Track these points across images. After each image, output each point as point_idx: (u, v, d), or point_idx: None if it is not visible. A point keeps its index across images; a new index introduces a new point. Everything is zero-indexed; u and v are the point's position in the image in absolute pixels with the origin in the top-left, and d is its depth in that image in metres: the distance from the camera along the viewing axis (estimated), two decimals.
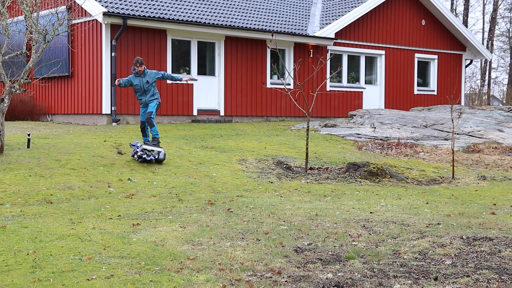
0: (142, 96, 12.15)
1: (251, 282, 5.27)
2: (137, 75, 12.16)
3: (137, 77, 12.16)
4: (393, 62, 24.82)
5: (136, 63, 12.06)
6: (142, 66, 12.05)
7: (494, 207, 9.20)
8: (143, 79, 12.11)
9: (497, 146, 16.22)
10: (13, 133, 14.50)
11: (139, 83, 12.13)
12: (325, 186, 11.04)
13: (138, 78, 12.15)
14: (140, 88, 12.13)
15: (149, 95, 12.12)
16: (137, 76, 12.16)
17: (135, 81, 12.14)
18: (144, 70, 12.12)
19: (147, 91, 12.12)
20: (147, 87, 12.11)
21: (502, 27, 51.98)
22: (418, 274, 5.61)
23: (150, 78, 12.14)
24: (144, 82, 12.08)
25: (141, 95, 12.15)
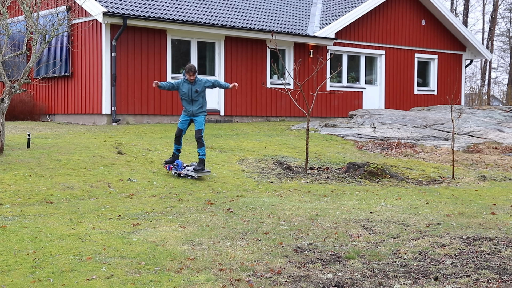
0: (188, 105, 11.13)
1: (251, 282, 5.27)
2: (187, 81, 11.10)
3: (186, 83, 11.08)
4: (393, 62, 24.82)
5: (189, 71, 10.94)
6: (195, 75, 10.99)
7: (494, 207, 9.20)
8: (193, 87, 11.05)
9: (497, 146, 16.22)
10: (13, 133, 14.50)
11: (187, 91, 11.05)
12: (325, 186, 11.04)
13: (187, 85, 11.07)
14: (188, 96, 11.08)
15: (197, 105, 11.13)
16: (186, 82, 11.08)
17: (183, 88, 11.05)
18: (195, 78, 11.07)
19: (195, 101, 11.12)
20: (195, 97, 11.09)
21: (502, 27, 51.99)
22: (418, 274, 5.61)
23: (199, 87, 11.06)
24: (193, 91, 11.03)
25: (188, 103, 11.13)
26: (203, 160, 10.93)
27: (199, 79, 11.15)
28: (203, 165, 10.93)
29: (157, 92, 18.88)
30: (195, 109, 11.14)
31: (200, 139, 10.98)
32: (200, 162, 10.93)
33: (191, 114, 11.16)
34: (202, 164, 10.93)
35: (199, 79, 11.13)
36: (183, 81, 11.12)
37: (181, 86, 11.11)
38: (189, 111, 11.15)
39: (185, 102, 11.16)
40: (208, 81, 11.23)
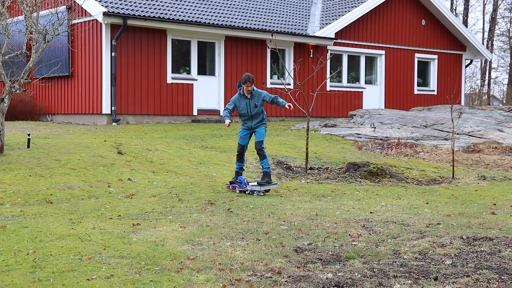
0: (248, 121, 10.27)
1: (251, 282, 5.26)
2: (244, 96, 10.17)
3: (243, 98, 10.19)
4: (393, 62, 24.82)
5: (247, 81, 10.06)
6: (252, 85, 10.12)
7: (494, 207, 9.20)
8: (251, 102, 10.16)
9: (497, 146, 16.22)
10: (13, 133, 14.50)
11: (245, 106, 10.17)
12: (325, 186, 11.04)
13: (244, 100, 10.17)
14: (247, 112, 10.19)
15: (257, 120, 10.26)
16: (243, 97, 10.19)
17: (241, 104, 10.18)
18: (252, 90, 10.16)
19: (255, 116, 10.24)
20: (255, 112, 10.21)
21: (502, 27, 52.00)
22: (418, 274, 5.61)
23: (258, 100, 10.19)
24: (252, 106, 10.16)
25: (247, 120, 10.26)
26: (267, 173, 10.18)
27: (257, 91, 10.25)
28: (268, 178, 10.18)
29: (157, 92, 18.89)
30: (254, 124, 10.30)
31: (261, 151, 10.19)
32: (264, 175, 10.20)
33: (250, 127, 10.37)
34: (266, 177, 10.17)
35: (257, 91, 10.24)
36: (239, 97, 10.20)
37: (238, 103, 10.21)
38: (248, 125, 10.35)
39: (244, 118, 10.31)
40: (267, 95, 10.32)
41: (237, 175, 10.35)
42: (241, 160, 10.36)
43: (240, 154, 10.36)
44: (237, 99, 10.21)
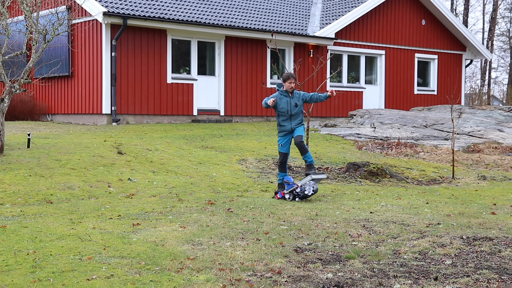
0: (286, 122, 9.71)
1: (251, 282, 5.26)
2: (284, 93, 9.71)
3: (284, 96, 9.70)
4: (393, 62, 24.83)
5: (290, 77, 9.62)
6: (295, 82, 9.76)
7: (494, 207, 9.19)
8: (292, 101, 9.69)
9: (497, 146, 16.22)
10: (13, 133, 14.50)
11: (286, 105, 9.66)
12: (325, 186, 11.03)
13: (285, 99, 9.68)
14: (287, 111, 9.67)
15: (296, 121, 9.75)
16: (283, 95, 9.71)
17: (281, 102, 9.67)
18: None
19: (295, 116, 9.74)
20: (295, 112, 9.74)
21: (502, 27, 52.02)
22: (418, 274, 5.61)
23: (298, 100, 9.74)
24: (293, 105, 9.67)
25: (286, 120, 9.70)
26: (312, 165, 9.71)
27: (295, 90, 9.81)
28: (314, 168, 9.76)
29: (157, 92, 18.89)
30: (293, 125, 9.74)
31: (301, 143, 9.60)
32: (309, 167, 9.70)
33: (290, 131, 9.76)
34: (312, 168, 9.69)
35: (296, 91, 9.80)
36: (280, 95, 9.70)
37: (279, 101, 9.68)
38: (287, 129, 9.74)
39: (283, 119, 9.71)
40: (307, 94, 9.88)
41: (281, 186, 9.80)
42: (284, 170, 9.83)
43: (283, 163, 9.80)
44: (278, 97, 9.67)
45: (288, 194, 9.57)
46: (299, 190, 9.51)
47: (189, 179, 10.80)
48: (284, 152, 9.78)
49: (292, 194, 9.56)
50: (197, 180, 10.81)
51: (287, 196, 9.57)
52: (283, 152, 9.79)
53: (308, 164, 9.73)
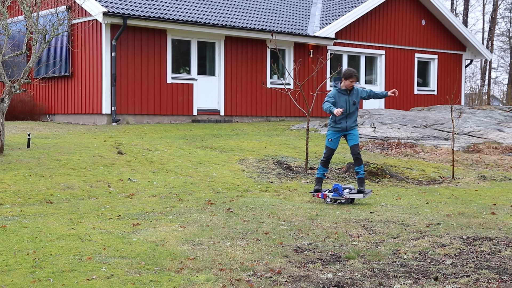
0: (343, 120, 9.36)
1: (251, 282, 5.26)
2: (343, 91, 9.35)
3: (342, 94, 9.34)
4: (393, 62, 24.83)
5: (352, 75, 9.25)
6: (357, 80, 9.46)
7: (494, 207, 9.19)
8: (350, 99, 9.36)
9: (497, 146, 16.22)
10: (13, 133, 14.50)
11: (344, 104, 9.30)
12: (325, 186, 11.03)
13: (344, 97, 9.33)
14: (346, 110, 9.32)
15: (352, 119, 9.41)
16: (342, 93, 9.35)
17: (339, 101, 9.30)
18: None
19: (351, 115, 9.40)
20: (353, 110, 9.40)
21: (502, 27, 52.02)
22: (418, 274, 5.61)
23: (356, 97, 9.42)
24: (351, 103, 9.35)
25: (343, 118, 9.35)
26: (363, 180, 9.45)
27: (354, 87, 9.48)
28: (364, 184, 9.47)
29: (157, 92, 18.90)
30: (349, 124, 9.40)
31: (359, 155, 9.37)
32: (361, 182, 9.42)
33: (344, 129, 9.43)
34: (363, 184, 9.43)
35: (355, 88, 9.46)
36: (338, 92, 9.34)
37: (338, 99, 9.32)
38: (342, 127, 9.40)
39: (340, 116, 9.34)
40: (364, 91, 9.54)
41: (319, 181, 9.61)
42: (326, 166, 9.62)
43: (328, 159, 9.55)
44: (336, 95, 9.29)
45: (330, 199, 9.34)
46: (344, 201, 9.31)
47: (189, 179, 10.80)
48: (332, 148, 9.48)
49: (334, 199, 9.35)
50: (197, 180, 10.81)
51: (328, 200, 9.34)
52: (331, 148, 9.48)
53: (359, 178, 9.39)
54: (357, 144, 9.36)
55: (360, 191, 9.33)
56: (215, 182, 10.78)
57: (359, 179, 9.40)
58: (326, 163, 9.61)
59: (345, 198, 9.27)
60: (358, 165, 9.39)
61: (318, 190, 9.56)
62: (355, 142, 9.37)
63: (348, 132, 9.45)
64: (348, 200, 9.30)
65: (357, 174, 9.42)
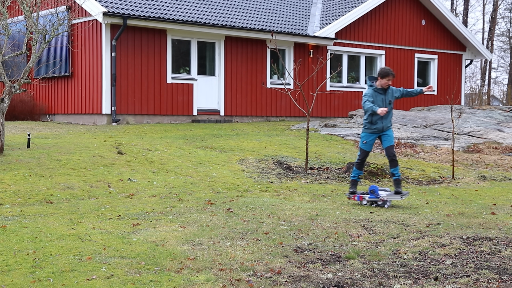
0: (379, 121, 9.13)
1: (251, 282, 5.26)
2: (380, 91, 9.13)
3: (379, 93, 9.13)
4: (393, 62, 24.82)
5: (388, 75, 9.04)
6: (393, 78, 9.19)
7: (494, 207, 9.20)
8: (386, 98, 9.16)
9: (497, 146, 16.22)
10: (13, 133, 14.50)
11: (381, 103, 9.11)
12: (325, 186, 11.03)
13: (381, 96, 9.13)
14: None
15: (389, 119, 9.19)
16: (378, 92, 9.13)
17: (377, 100, 9.09)
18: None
19: (387, 115, 9.13)
20: (389, 110, 9.15)
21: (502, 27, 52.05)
22: (418, 274, 5.61)
23: (392, 96, 9.23)
24: (387, 102, 9.17)
25: (379, 119, 9.12)
26: (399, 181, 9.25)
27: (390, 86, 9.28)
28: (401, 186, 9.29)
29: (157, 92, 18.90)
30: (385, 124, 9.19)
31: (394, 157, 9.20)
32: (397, 183, 9.21)
33: (380, 130, 9.21)
34: (400, 185, 9.23)
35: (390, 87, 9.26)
36: (374, 92, 9.14)
37: (375, 99, 9.11)
38: (378, 128, 9.18)
39: (377, 117, 9.09)
40: (398, 90, 9.32)
41: (354, 184, 9.43)
42: (361, 168, 9.45)
43: (363, 161, 9.39)
44: (373, 94, 9.09)
45: (367, 201, 9.22)
46: (381, 203, 9.16)
47: (189, 179, 10.80)
48: (367, 150, 9.30)
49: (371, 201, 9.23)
50: (197, 180, 10.81)
51: (364, 202, 9.21)
52: (366, 151, 9.31)
53: (396, 179, 9.21)
54: (392, 145, 9.18)
55: (397, 193, 9.14)
56: (215, 182, 10.78)
57: (396, 181, 9.21)
58: (361, 165, 9.41)
59: (382, 199, 9.12)
60: (394, 166, 9.20)
61: (353, 192, 9.39)
62: (390, 143, 9.18)
63: (383, 133, 9.24)
64: (384, 202, 9.14)
65: (393, 175, 9.24)
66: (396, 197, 9.15)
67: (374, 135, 9.25)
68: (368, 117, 9.19)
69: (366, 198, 9.21)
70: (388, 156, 9.22)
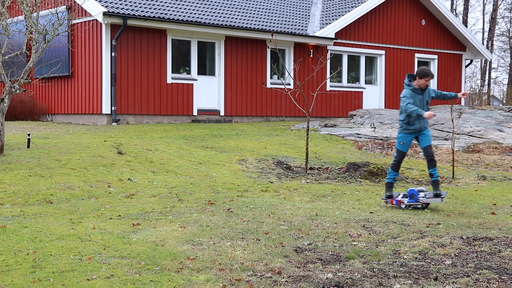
0: (416, 121, 8.96)
1: (251, 282, 5.26)
2: (418, 91, 8.98)
3: (417, 94, 8.96)
4: (393, 62, 24.82)
5: (428, 75, 8.86)
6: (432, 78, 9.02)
7: (494, 207, 9.20)
8: (423, 98, 9.00)
9: (497, 146, 16.22)
10: (13, 133, 14.50)
11: (419, 104, 8.95)
12: (325, 186, 11.03)
13: (418, 97, 8.96)
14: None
15: (425, 119, 9.01)
16: (416, 92, 8.96)
17: (415, 101, 8.92)
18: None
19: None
20: (427, 110, 9.08)
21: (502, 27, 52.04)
22: (418, 274, 5.61)
23: (429, 96, 9.08)
24: (425, 102, 9.03)
25: (417, 120, 8.95)
26: (438, 182, 9.01)
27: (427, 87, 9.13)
28: (439, 187, 9.04)
29: (157, 92, 18.90)
30: (423, 124, 9.02)
31: (433, 157, 8.95)
32: (436, 185, 8.96)
33: (418, 130, 9.03)
34: (438, 186, 8.97)
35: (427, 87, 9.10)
36: (413, 92, 8.96)
37: (414, 99, 8.94)
38: (416, 128, 9.00)
39: (414, 118, 8.94)
40: (433, 90, 9.18)
41: (390, 186, 9.26)
42: (397, 170, 9.26)
43: (399, 163, 9.20)
44: (412, 95, 8.92)
45: (406, 205, 9.01)
46: (420, 207, 8.95)
47: (189, 179, 10.80)
48: (404, 152, 9.13)
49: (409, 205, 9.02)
50: (197, 180, 10.81)
51: (403, 206, 8.99)
52: (404, 152, 9.13)
53: (434, 181, 8.96)
54: (430, 145, 8.97)
55: (436, 195, 8.87)
56: (215, 182, 10.78)
57: (434, 182, 8.96)
58: (397, 167, 9.23)
59: (421, 203, 8.89)
60: (432, 167, 8.95)
61: (390, 196, 9.18)
62: (428, 143, 8.98)
63: (420, 133, 9.06)
64: (424, 205, 8.95)
65: (432, 176, 9.00)
66: (436, 200, 8.86)
67: (412, 135, 9.06)
68: (405, 117, 9.00)
69: (405, 202, 8.98)
70: (427, 156, 8.99)
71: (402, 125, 9.09)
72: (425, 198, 8.88)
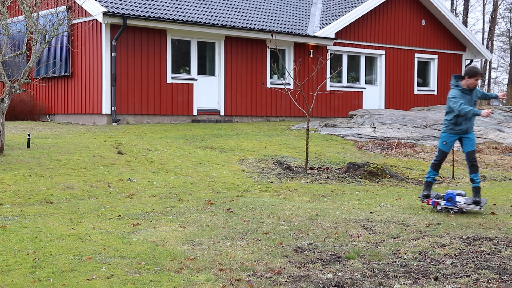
0: (464, 122, 8.66)
1: (251, 282, 5.26)
2: (466, 91, 8.66)
3: (465, 94, 8.64)
4: (393, 62, 24.83)
5: (477, 74, 8.57)
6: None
7: (494, 207, 9.19)
8: (472, 98, 8.69)
9: (497, 146, 16.22)
10: (13, 133, 14.50)
11: (468, 104, 8.62)
12: (325, 186, 11.03)
13: (467, 97, 8.64)
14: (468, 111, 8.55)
15: (472, 121, 8.72)
16: (465, 93, 8.64)
17: (465, 101, 8.60)
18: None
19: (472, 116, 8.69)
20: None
21: (502, 27, 52.05)
22: (418, 274, 5.61)
23: (476, 97, 8.77)
24: (473, 103, 8.70)
25: (465, 119, 8.64)
26: (479, 189, 8.68)
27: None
28: (480, 194, 8.70)
29: (157, 92, 18.90)
30: (470, 126, 8.71)
31: (475, 162, 8.63)
32: (477, 191, 8.64)
33: (464, 131, 8.72)
34: (479, 193, 8.66)
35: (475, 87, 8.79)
36: (461, 93, 8.64)
37: (463, 100, 8.60)
38: (463, 129, 8.70)
39: (463, 118, 8.63)
40: (479, 91, 8.85)
41: (429, 186, 8.99)
42: (437, 170, 8.96)
43: (440, 162, 8.90)
44: (461, 95, 8.59)
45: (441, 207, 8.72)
46: (457, 211, 8.61)
47: (189, 179, 10.80)
48: (446, 152, 8.81)
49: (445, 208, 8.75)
50: (197, 180, 10.81)
51: (439, 208, 8.70)
52: (445, 152, 8.82)
53: (475, 187, 8.65)
54: (474, 150, 8.67)
55: (476, 202, 8.55)
56: (215, 182, 10.78)
57: (475, 189, 8.64)
58: (438, 166, 8.94)
59: (458, 208, 8.58)
60: (474, 172, 8.65)
61: (427, 195, 8.92)
62: (472, 148, 8.68)
63: (465, 136, 8.76)
64: (460, 210, 8.61)
65: (473, 182, 8.69)
66: (474, 207, 8.53)
67: (456, 136, 8.77)
68: (453, 118, 8.69)
69: (441, 204, 8.69)
70: (469, 161, 8.69)
71: (448, 125, 8.79)
72: (463, 204, 8.60)
